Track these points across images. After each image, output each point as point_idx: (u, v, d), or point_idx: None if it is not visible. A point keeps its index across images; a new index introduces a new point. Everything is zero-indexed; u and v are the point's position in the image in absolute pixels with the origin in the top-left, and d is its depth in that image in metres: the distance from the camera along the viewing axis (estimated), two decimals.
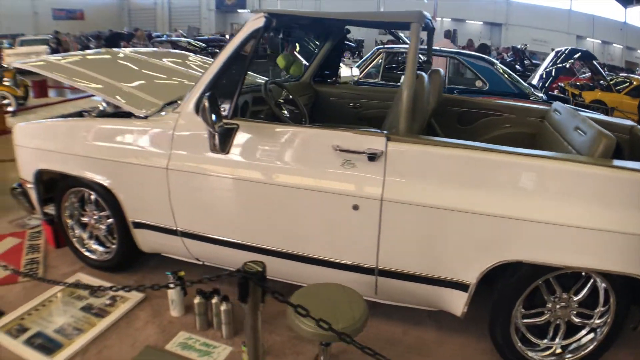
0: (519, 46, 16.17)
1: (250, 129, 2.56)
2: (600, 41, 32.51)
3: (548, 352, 2.41)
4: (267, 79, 3.53)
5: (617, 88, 10.59)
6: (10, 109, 8.06)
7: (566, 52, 7.64)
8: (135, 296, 3.00)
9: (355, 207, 2.30)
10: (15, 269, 3.24)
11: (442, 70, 3.49)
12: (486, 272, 2.23)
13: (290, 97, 3.37)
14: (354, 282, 2.36)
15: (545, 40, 29.74)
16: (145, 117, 2.80)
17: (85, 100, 9.84)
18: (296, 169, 2.43)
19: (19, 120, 7.95)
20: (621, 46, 32.71)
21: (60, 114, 3.77)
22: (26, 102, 9.05)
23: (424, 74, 2.93)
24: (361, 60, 7.52)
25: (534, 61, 15.68)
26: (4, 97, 8.14)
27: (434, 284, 2.34)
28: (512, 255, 2.16)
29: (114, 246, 3.19)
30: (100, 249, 3.27)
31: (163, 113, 2.81)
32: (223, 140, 2.55)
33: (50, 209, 3.42)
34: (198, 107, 2.59)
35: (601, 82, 10.54)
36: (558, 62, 7.48)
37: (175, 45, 14.16)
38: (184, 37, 19.80)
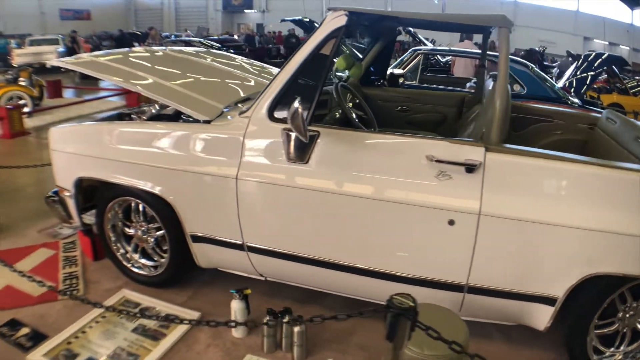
0: (536, 48, 15.90)
1: (332, 136, 2.34)
2: (607, 42, 32.34)
3: None
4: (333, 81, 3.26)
5: (632, 92, 10.42)
6: (26, 109, 7.76)
7: (590, 59, 7.45)
8: (191, 315, 2.74)
9: (451, 222, 2.15)
10: (54, 287, 2.98)
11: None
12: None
13: (357, 101, 3.11)
14: (440, 299, 2.22)
15: (553, 41, 29.53)
16: (208, 122, 2.55)
17: (101, 101, 9.61)
18: (385, 181, 2.25)
19: (35, 122, 7.76)
20: (628, 48, 32.52)
21: (75, 115, 3.51)
22: (41, 102, 8.78)
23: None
24: (397, 62, 7.26)
25: (544, 62, 15.40)
26: (20, 98, 7.87)
27: (522, 299, 2.24)
28: (602, 268, 2.09)
29: (163, 260, 2.93)
30: (148, 263, 2.99)
31: (229, 117, 2.57)
32: (303, 149, 2.32)
33: (87, 219, 3.17)
34: (271, 112, 2.42)
35: (617, 84, 10.39)
36: (581, 70, 7.28)
37: (188, 44, 13.92)
38: (193, 37, 19.57)
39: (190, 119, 2.99)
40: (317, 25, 7.60)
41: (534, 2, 32.03)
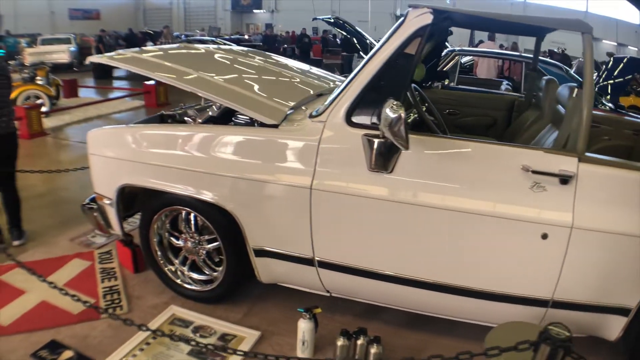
0: (555, 49, 15.62)
1: (421, 143, 2.13)
2: (615, 43, 32.13)
3: None
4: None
5: None
6: (44, 109, 7.50)
7: (609, 66, 7.26)
8: (251, 335, 2.50)
9: (544, 236, 2.05)
10: (95, 303, 2.74)
11: (555, 80, 3.19)
12: None
13: (426, 104, 2.89)
14: (520, 315, 2.20)
15: (562, 42, 29.28)
16: (275, 126, 2.32)
17: (119, 101, 9.39)
18: (478, 192, 2.10)
19: (53, 122, 7.53)
20: (636, 49, 32.31)
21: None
22: (57, 102, 8.55)
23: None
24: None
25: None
26: (37, 97, 7.64)
27: (601, 312, 2.17)
28: None
29: (215, 274, 2.68)
30: (200, 277, 2.75)
31: (299, 121, 2.37)
32: (388, 157, 2.11)
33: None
34: (349, 116, 2.23)
35: (634, 87, 10.18)
36: (602, 78, 7.12)
37: (202, 43, 13.74)
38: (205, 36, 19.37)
39: (241, 120, 2.78)
40: (345, 24, 7.35)
41: (543, 2, 31.82)
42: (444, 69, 6.60)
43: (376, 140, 2.11)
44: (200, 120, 2.82)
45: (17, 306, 2.71)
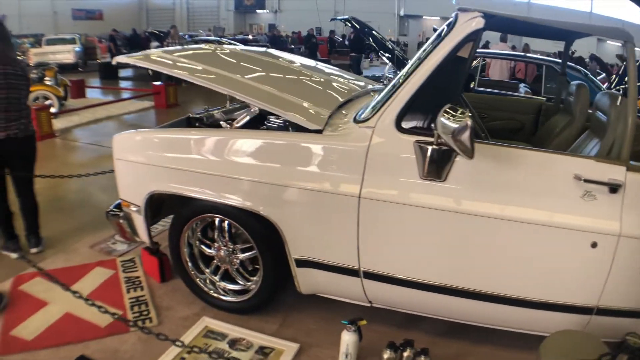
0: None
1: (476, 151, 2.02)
2: (620, 44, 31.99)
3: None
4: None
5: None
6: (53, 110, 7.37)
7: (620, 69, 7.16)
8: (289, 347, 2.39)
9: (594, 245, 2.04)
10: (122, 315, 2.62)
11: (586, 85, 3.16)
12: None
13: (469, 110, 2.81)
14: (564, 322, 2.18)
15: None
16: (319, 132, 2.23)
17: (128, 102, 9.27)
18: (531, 201, 2.07)
19: (62, 122, 7.42)
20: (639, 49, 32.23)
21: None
22: (66, 102, 8.43)
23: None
24: None
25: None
26: (46, 98, 7.52)
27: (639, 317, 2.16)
28: None
29: (249, 283, 2.57)
30: (234, 287, 2.63)
31: (342, 125, 2.30)
32: (441, 165, 2.03)
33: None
34: (399, 122, 2.15)
35: None
36: (614, 84, 7.02)
37: (209, 44, 13.63)
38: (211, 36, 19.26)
39: (273, 124, 2.69)
40: (359, 25, 7.24)
41: (547, 3, 31.75)
42: None
43: (429, 148, 2.03)
44: (237, 125, 2.70)
45: (41, 318, 2.60)
